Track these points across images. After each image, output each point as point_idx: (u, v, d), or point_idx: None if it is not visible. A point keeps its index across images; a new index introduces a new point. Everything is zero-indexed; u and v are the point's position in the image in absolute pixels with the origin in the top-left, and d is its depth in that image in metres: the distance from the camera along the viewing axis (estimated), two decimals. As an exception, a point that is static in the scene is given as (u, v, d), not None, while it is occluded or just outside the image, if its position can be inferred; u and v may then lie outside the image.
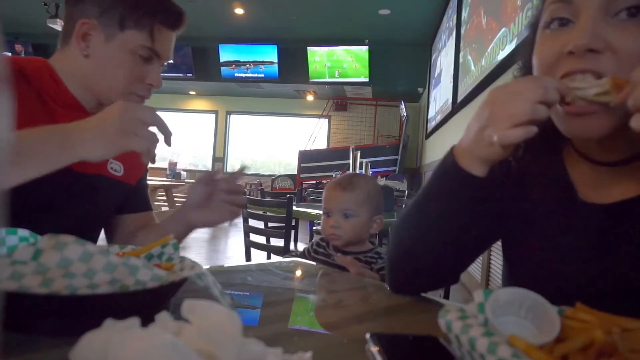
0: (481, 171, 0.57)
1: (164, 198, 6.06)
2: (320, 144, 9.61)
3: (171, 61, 0.94)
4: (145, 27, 0.86)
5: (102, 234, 1.03)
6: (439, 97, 6.16)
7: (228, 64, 8.41)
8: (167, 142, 0.73)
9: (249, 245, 2.41)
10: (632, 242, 0.55)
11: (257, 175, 10.03)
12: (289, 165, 9.98)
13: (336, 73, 8.17)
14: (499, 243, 0.74)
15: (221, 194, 0.89)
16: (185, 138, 10.25)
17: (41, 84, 0.85)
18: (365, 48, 7.86)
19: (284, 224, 2.25)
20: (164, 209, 5.40)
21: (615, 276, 0.56)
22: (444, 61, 5.93)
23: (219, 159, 10.19)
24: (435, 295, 0.80)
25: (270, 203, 2.65)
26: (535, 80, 0.54)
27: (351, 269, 0.94)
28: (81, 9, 0.86)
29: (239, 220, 1.88)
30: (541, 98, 0.50)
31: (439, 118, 5.95)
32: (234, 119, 10.31)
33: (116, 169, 0.97)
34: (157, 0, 0.89)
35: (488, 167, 0.58)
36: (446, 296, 2.34)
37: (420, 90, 8.43)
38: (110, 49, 0.86)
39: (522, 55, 0.66)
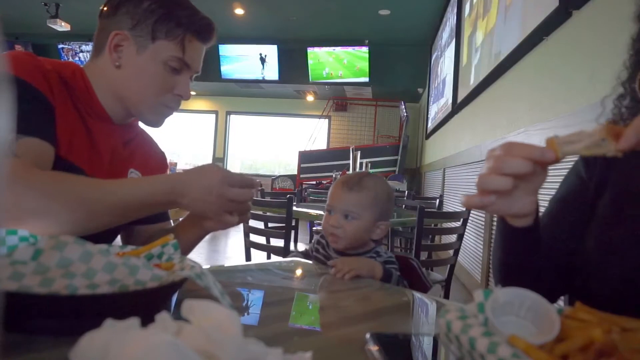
0: (523, 223, 0.61)
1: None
2: (320, 144, 9.61)
3: (199, 73, 0.95)
4: (176, 37, 0.88)
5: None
6: (439, 97, 6.16)
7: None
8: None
9: (249, 245, 2.41)
10: None
11: (257, 175, 10.03)
12: (289, 165, 9.98)
13: (336, 73, 8.18)
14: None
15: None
16: (185, 138, 10.25)
17: (76, 91, 0.86)
18: (365, 48, 7.86)
19: (284, 225, 2.25)
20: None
21: None
22: (444, 61, 5.93)
23: (219, 159, 10.19)
24: (436, 295, 0.80)
25: (270, 203, 2.65)
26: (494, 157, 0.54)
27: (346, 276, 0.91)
28: (115, 20, 0.87)
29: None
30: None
31: (439, 118, 5.96)
32: (234, 119, 10.31)
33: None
34: (188, 11, 0.90)
35: (529, 217, 0.60)
36: (446, 296, 2.34)
37: (420, 90, 8.43)
38: (141, 60, 0.87)
39: (632, 45, 0.68)
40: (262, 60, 8.29)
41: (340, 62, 8.09)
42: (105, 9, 0.89)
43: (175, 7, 0.89)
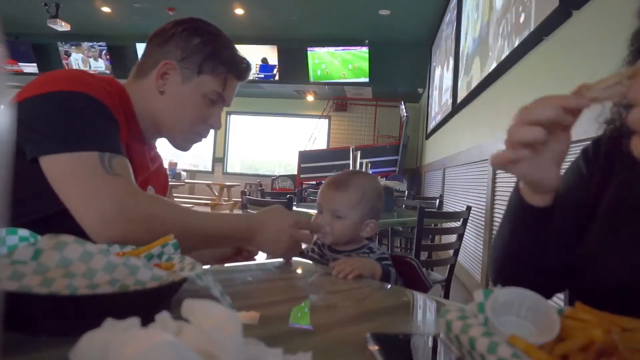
0: (543, 202, 0.59)
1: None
2: (320, 144, 9.61)
3: (229, 106, 1.03)
4: (220, 75, 0.95)
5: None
6: (439, 97, 6.16)
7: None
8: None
9: (249, 245, 2.40)
10: None
11: (257, 175, 10.03)
12: (289, 165, 9.98)
13: (338, 74, 8.18)
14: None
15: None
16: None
17: (122, 110, 0.87)
18: (365, 48, 7.86)
19: (284, 224, 2.24)
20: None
21: None
22: (444, 62, 5.93)
23: (219, 159, 10.19)
24: (436, 295, 0.80)
25: (270, 203, 2.65)
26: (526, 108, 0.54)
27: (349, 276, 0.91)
28: (166, 50, 0.93)
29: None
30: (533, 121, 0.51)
31: (439, 118, 5.95)
32: (234, 119, 10.31)
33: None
34: (231, 53, 0.97)
35: (548, 197, 0.59)
36: (446, 296, 2.34)
37: (420, 90, 8.43)
38: (184, 89, 0.93)
39: (632, 41, 0.67)
40: (262, 60, 8.29)
41: (342, 63, 8.09)
42: (156, 38, 0.95)
43: (221, 47, 0.96)
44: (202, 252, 0.97)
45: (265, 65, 8.30)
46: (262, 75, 8.37)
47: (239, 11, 6.95)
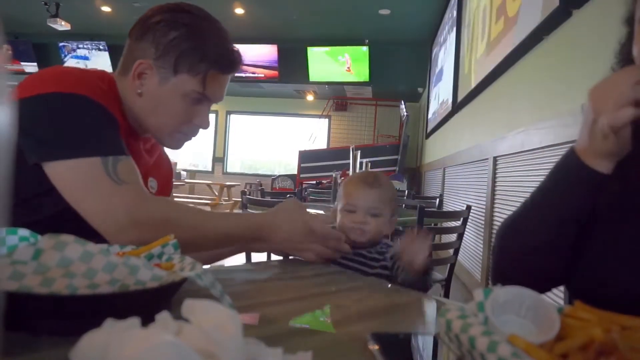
0: (606, 167, 0.61)
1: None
2: (321, 144, 9.61)
3: (221, 100, 0.97)
4: (198, 73, 0.87)
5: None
6: (439, 96, 6.16)
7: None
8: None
9: (249, 245, 2.40)
10: None
11: (257, 175, 10.03)
12: (289, 165, 9.97)
13: (340, 75, 8.17)
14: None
15: None
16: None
17: (112, 103, 0.85)
18: (365, 48, 7.86)
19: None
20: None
21: None
22: (444, 60, 5.93)
23: (219, 159, 10.19)
24: (436, 294, 0.80)
25: (270, 203, 2.65)
26: (629, 69, 0.57)
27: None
28: (141, 47, 0.87)
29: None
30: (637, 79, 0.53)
31: (439, 118, 5.95)
32: (234, 119, 10.30)
33: (153, 186, 1.00)
34: (214, 45, 0.88)
35: (613, 163, 0.61)
36: (446, 295, 2.34)
37: (420, 90, 8.43)
38: (162, 91, 0.87)
39: (621, 50, 0.68)
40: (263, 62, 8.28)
41: (342, 63, 8.08)
42: (135, 30, 0.89)
43: (201, 41, 0.87)
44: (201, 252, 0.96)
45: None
46: (258, 74, 8.36)
47: (239, 11, 6.95)
